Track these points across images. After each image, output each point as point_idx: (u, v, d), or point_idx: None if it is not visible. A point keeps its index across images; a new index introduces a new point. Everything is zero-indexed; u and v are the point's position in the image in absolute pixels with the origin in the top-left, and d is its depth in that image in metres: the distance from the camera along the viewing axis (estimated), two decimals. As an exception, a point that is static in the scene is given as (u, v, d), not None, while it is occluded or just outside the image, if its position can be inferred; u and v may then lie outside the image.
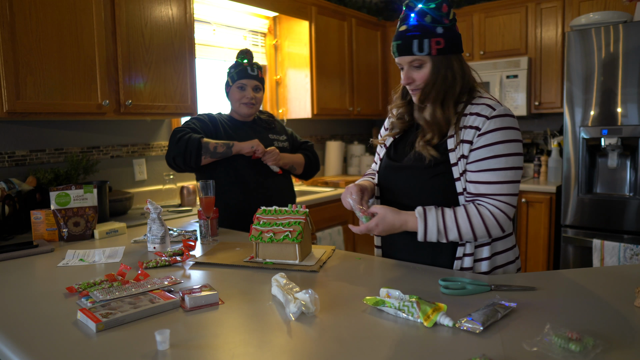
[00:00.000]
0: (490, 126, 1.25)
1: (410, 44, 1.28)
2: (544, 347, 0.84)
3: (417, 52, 1.28)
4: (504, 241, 1.37)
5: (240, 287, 1.26)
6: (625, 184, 2.85)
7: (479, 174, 1.27)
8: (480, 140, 1.26)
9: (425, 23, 1.27)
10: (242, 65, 2.10)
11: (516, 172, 1.27)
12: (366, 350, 0.88)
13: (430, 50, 1.28)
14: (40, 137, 2.37)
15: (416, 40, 1.27)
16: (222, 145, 1.96)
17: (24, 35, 1.92)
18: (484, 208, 1.26)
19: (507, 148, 1.25)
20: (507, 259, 1.37)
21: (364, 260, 1.49)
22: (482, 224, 1.25)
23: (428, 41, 1.27)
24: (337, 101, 3.78)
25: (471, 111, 1.29)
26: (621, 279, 1.25)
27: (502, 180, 1.25)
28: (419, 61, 1.30)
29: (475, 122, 1.27)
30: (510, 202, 1.27)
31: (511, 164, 1.25)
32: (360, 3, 4.21)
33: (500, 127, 1.25)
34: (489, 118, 1.26)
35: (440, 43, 1.27)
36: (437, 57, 1.29)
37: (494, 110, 1.27)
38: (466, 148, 1.28)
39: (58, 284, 1.33)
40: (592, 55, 2.83)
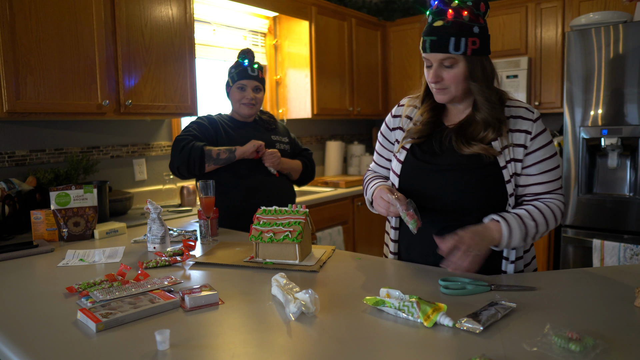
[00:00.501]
0: (538, 129, 1.30)
1: (446, 41, 1.22)
2: (544, 347, 0.84)
3: (452, 51, 1.22)
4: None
5: (240, 287, 1.25)
6: (625, 184, 2.85)
7: (542, 175, 1.31)
8: (534, 143, 1.29)
9: (464, 20, 1.21)
10: (243, 65, 2.10)
11: (560, 169, 1.35)
12: (366, 350, 0.88)
13: (466, 49, 1.22)
14: (40, 137, 2.37)
15: (453, 37, 1.21)
16: (224, 152, 1.96)
17: (24, 35, 1.92)
18: (552, 203, 1.30)
19: (554, 147, 1.33)
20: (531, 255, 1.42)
21: (364, 260, 1.49)
22: (554, 217, 1.29)
23: (465, 40, 1.21)
24: (337, 101, 3.77)
25: (512, 114, 1.31)
26: (621, 279, 1.25)
27: (557, 177, 1.33)
28: (451, 60, 1.25)
29: (524, 126, 1.30)
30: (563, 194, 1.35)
31: (558, 162, 1.33)
32: (360, 3, 4.21)
33: (544, 128, 1.31)
34: (534, 121, 1.30)
35: (476, 43, 1.23)
36: (470, 58, 1.24)
37: (534, 113, 1.31)
38: (518, 152, 1.29)
39: (58, 284, 1.33)
40: (592, 55, 2.83)
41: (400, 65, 4.17)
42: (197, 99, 2.63)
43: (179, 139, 2.00)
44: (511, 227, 1.23)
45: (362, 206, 3.47)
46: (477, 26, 1.22)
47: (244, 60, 2.11)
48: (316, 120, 4.06)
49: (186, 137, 2.00)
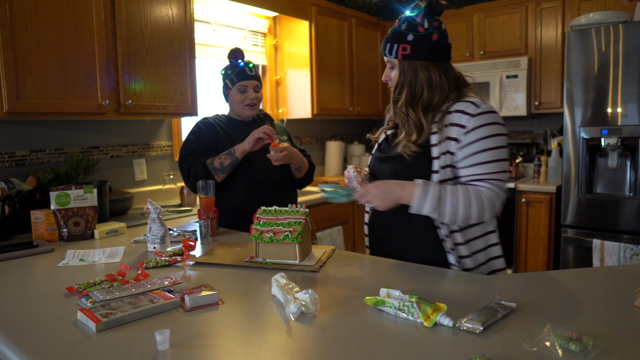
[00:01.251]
0: (476, 123, 1.32)
1: (385, 45, 1.42)
2: (544, 347, 0.84)
3: (387, 54, 1.42)
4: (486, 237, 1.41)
5: (240, 287, 1.26)
6: (625, 184, 2.85)
7: (470, 168, 1.33)
8: (467, 137, 1.32)
9: (401, 29, 1.38)
10: (239, 66, 2.07)
11: (503, 163, 1.33)
12: (366, 350, 0.88)
13: (397, 54, 1.39)
14: (40, 137, 2.37)
15: (389, 43, 1.41)
16: (225, 158, 1.95)
17: (24, 35, 1.92)
18: (483, 188, 1.32)
19: (493, 142, 1.32)
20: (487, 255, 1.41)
21: (364, 260, 1.49)
22: (480, 202, 1.30)
23: (397, 46, 1.39)
24: (337, 101, 3.78)
25: (456, 108, 1.36)
26: (621, 279, 1.25)
27: (492, 171, 1.32)
28: (390, 62, 1.44)
29: (461, 120, 1.33)
30: (502, 187, 1.33)
31: (497, 156, 1.32)
32: (360, 3, 4.21)
33: (486, 122, 1.32)
34: (473, 115, 1.32)
35: (406, 49, 1.38)
36: (402, 62, 1.39)
37: (478, 108, 1.33)
38: (452, 145, 1.34)
39: (58, 284, 1.33)
40: (592, 55, 2.83)
41: (400, 65, 4.17)
42: (197, 99, 2.63)
43: (182, 161, 2.01)
44: (428, 191, 1.30)
45: (362, 206, 3.47)
46: (411, 34, 1.37)
47: (239, 61, 2.09)
48: (316, 120, 4.06)
49: (187, 159, 1.99)
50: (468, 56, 3.79)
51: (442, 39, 1.39)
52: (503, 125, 1.35)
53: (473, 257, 1.38)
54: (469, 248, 1.38)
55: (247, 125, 2.14)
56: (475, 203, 1.29)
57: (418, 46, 1.36)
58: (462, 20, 3.81)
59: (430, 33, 1.37)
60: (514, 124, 4.01)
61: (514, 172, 3.65)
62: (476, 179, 1.32)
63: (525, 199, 3.33)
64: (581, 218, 2.95)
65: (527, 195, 3.33)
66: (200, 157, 1.99)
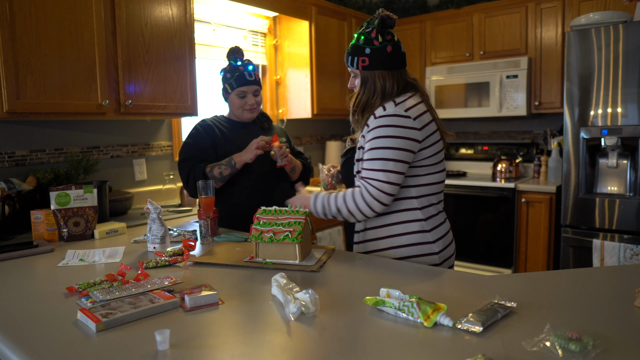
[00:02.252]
0: (374, 124, 1.50)
1: (347, 58, 1.62)
2: (544, 347, 0.84)
3: (349, 65, 1.61)
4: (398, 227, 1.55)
5: (240, 287, 1.26)
6: (625, 184, 2.85)
7: (362, 163, 1.53)
8: (368, 136, 1.51)
9: (359, 44, 1.57)
10: (238, 69, 2.05)
11: (387, 162, 1.46)
12: (366, 350, 0.88)
13: (357, 66, 1.58)
14: (40, 137, 2.37)
15: (350, 56, 1.59)
16: (225, 168, 1.95)
17: (24, 35, 1.92)
18: (357, 189, 1.50)
19: (382, 142, 1.47)
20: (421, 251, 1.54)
21: (364, 260, 1.49)
22: (353, 201, 1.48)
23: (357, 58, 1.57)
24: (337, 101, 3.77)
25: (372, 111, 1.55)
26: (621, 279, 1.25)
27: (374, 168, 1.47)
28: (353, 72, 1.63)
29: (369, 121, 1.53)
30: (378, 187, 1.46)
31: (382, 155, 1.46)
32: (360, 3, 4.21)
33: (380, 125, 1.48)
34: (376, 117, 1.50)
35: (365, 61, 1.56)
36: (363, 72, 1.58)
37: (384, 111, 1.50)
38: (362, 141, 1.56)
39: (58, 284, 1.33)
40: (592, 55, 2.83)
41: (400, 65, 4.17)
42: (197, 99, 2.63)
43: (180, 166, 2.01)
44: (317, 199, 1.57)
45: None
46: (369, 48, 1.55)
47: (238, 63, 2.08)
48: (316, 120, 4.06)
49: (185, 164, 1.99)
50: (468, 56, 3.79)
51: (396, 50, 1.56)
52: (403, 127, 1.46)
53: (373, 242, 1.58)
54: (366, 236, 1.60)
55: (246, 126, 2.14)
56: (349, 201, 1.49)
57: (375, 58, 1.55)
58: (462, 20, 3.81)
59: (385, 46, 1.54)
60: (513, 124, 4.01)
61: (514, 172, 3.65)
62: (361, 175, 1.51)
63: (525, 199, 3.33)
64: (581, 218, 2.95)
65: (527, 195, 3.33)
66: (198, 162, 1.99)
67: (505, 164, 3.67)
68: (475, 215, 3.57)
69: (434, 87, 3.86)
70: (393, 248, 1.55)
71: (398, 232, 1.54)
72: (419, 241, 1.54)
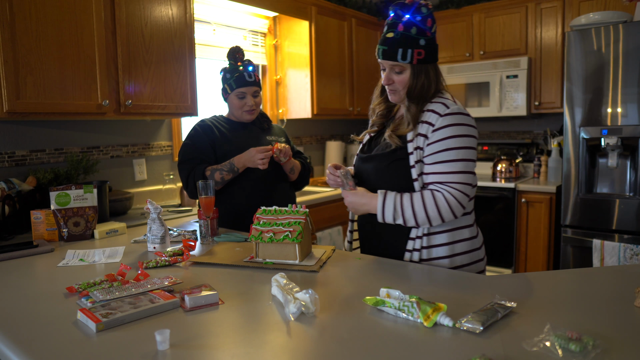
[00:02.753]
0: (443, 123, 1.39)
1: (395, 52, 1.42)
2: (544, 347, 0.84)
3: (400, 60, 1.42)
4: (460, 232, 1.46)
5: (240, 287, 1.26)
6: (625, 184, 2.85)
7: (433, 166, 1.40)
8: (434, 136, 1.39)
9: (411, 34, 1.40)
10: (238, 70, 2.05)
11: (467, 163, 1.39)
12: (366, 350, 0.88)
13: (412, 59, 1.42)
14: (40, 137, 2.37)
15: (401, 49, 1.41)
16: (227, 172, 1.94)
17: (24, 35, 1.92)
18: (438, 193, 1.38)
19: (457, 142, 1.38)
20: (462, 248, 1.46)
21: (364, 260, 1.49)
22: (435, 206, 1.37)
23: (411, 51, 1.41)
24: (337, 101, 3.77)
25: (428, 108, 1.44)
26: (621, 279, 1.25)
27: (454, 170, 1.38)
28: (400, 67, 1.45)
29: (430, 119, 1.41)
30: (462, 190, 1.38)
31: (461, 156, 1.38)
32: (360, 3, 4.21)
33: (452, 123, 1.38)
34: (441, 115, 1.40)
35: (421, 54, 1.42)
36: (416, 66, 1.43)
37: (448, 109, 1.40)
38: (421, 141, 1.42)
39: (58, 284, 1.33)
40: (592, 55, 2.83)
41: (400, 65, 4.17)
42: (197, 99, 2.63)
43: (180, 167, 2.01)
44: (386, 202, 1.41)
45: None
46: (423, 39, 1.41)
47: (238, 63, 2.08)
48: (316, 120, 4.06)
49: (185, 166, 1.99)
50: (468, 56, 3.78)
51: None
52: (471, 126, 1.41)
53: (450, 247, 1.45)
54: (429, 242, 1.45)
55: (246, 127, 2.14)
56: (431, 208, 1.37)
57: (429, 50, 1.42)
58: (462, 20, 3.81)
59: (434, 37, 1.44)
60: (514, 124, 4.01)
61: (514, 172, 3.65)
62: (437, 180, 1.39)
63: (525, 199, 3.33)
64: (581, 218, 2.95)
65: (527, 195, 3.33)
66: (198, 164, 1.98)
67: (505, 164, 3.67)
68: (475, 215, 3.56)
69: (434, 87, 3.86)
70: (451, 256, 1.44)
71: (456, 238, 1.45)
72: (471, 248, 1.47)
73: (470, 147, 1.39)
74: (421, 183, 1.43)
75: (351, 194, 1.49)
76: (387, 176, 1.48)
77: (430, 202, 1.37)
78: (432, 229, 1.44)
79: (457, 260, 1.45)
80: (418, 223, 1.40)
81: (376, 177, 1.51)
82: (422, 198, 1.38)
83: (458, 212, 1.38)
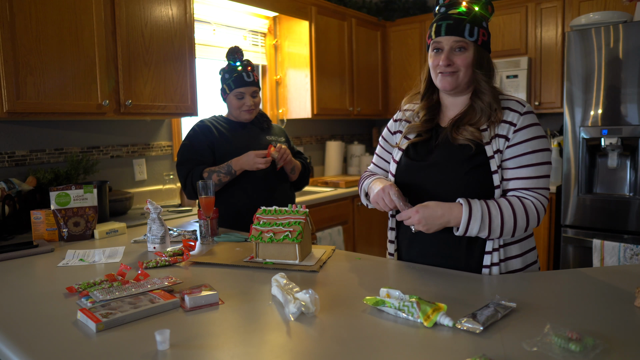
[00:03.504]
0: (525, 122, 1.28)
1: (462, 27, 1.29)
2: (544, 347, 0.84)
3: (467, 36, 1.29)
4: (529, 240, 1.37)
5: (240, 287, 1.25)
6: (625, 184, 2.85)
7: (518, 170, 1.29)
8: (517, 136, 1.28)
9: (477, 14, 1.30)
10: (237, 70, 2.05)
11: (549, 167, 1.31)
12: (366, 350, 0.88)
13: (478, 37, 1.30)
14: (40, 137, 2.37)
15: (469, 24, 1.29)
16: (225, 175, 1.95)
17: (24, 35, 1.92)
18: (527, 200, 1.27)
19: (542, 143, 1.29)
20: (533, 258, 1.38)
21: (364, 260, 1.49)
22: (525, 215, 1.25)
23: (478, 29, 1.30)
24: (337, 101, 3.77)
25: (503, 105, 1.32)
26: (621, 279, 1.25)
27: (540, 174, 1.28)
28: (464, 44, 1.30)
29: (509, 117, 1.30)
30: (547, 195, 1.30)
31: (546, 158, 1.30)
32: (360, 3, 4.21)
33: (533, 123, 1.29)
34: (522, 114, 1.29)
35: (485, 35, 1.32)
36: (480, 47, 1.31)
37: (524, 107, 1.30)
38: (501, 142, 1.29)
39: (58, 284, 1.33)
40: (592, 55, 2.82)
41: (400, 65, 4.17)
42: (197, 99, 2.63)
43: (178, 168, 2.02)
44: (472, 212, 1.23)
45: (362, 206, 3.47)
46: (485, 22, 1.33)
47: (237, 64, 2.08)
48: (316, 120, 4.06)
49: (183, 167, 1.99)
50: (468, 56, 3.78)
51: None
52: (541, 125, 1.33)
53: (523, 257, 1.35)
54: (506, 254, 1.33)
55: (245, 127, 2.14)
56: (520, 217, 1.24)
57: (488, 36, 1.34)
58: (462, 20, 3.81)
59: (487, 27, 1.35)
60: (514, 124, 4.01)
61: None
62: (523, 186, 1.28)
63: (525, 199, 3.32)
64: (581, 218, 2.95)
65: (527, 195, 3.32)
66: (196, 164, 1.99)
67: (505, 164, 3.66)
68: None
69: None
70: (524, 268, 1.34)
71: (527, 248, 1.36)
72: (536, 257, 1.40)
73: (550, 149, 1.31)
74: (501, 190, 1.30)
75: (422, 208, 1.25)
76: (465, 186, 1.29)
77: (520, 210, 1.24)
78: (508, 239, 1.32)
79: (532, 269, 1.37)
80: (503, 234, 1.25)
81: (449, 187, 1.31)
82: (511, 206, 1.24)
83: (541, 219, 1.28)
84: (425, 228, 1.26)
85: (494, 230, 1.24)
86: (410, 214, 1.26)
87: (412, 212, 1.26)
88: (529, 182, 1.28)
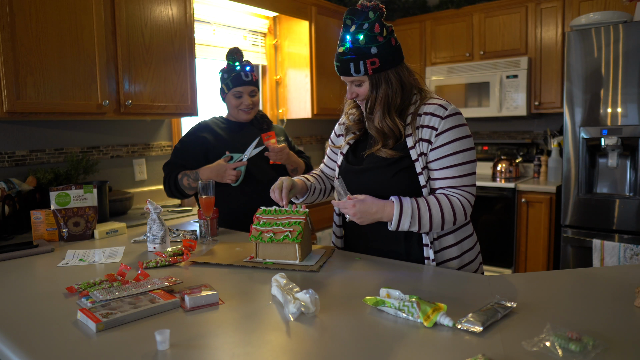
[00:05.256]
0: (446, 125, 1.36)
1: (348, 67, 1.37)
2: (544, 347, 0.84)
3: (354, 74, 1.37)
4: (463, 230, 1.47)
5: (240, 287, 1.26)
6: (625, 184, 2.85)
7: (442, 171, 1.38)
8: (439, 140, 1.37)
9: (360, 45, 1.34)
10: (235, 70, 2.06)
11: (472, 165, 1.39)
12: (366, 351, 0.88)
13: (366, 70, 1.36)
14: (40, 137, 2.37)
15: (352, 62, 1.35)
16: (193, 180, 1.99)
17: (24, 35, 1.92)
18: (454, 197, 1.36)
19: (463, 144, 1.37)
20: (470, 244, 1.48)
21: (364, 260, 1.49)
22: (452, 210, 1.34)
23: (363, 63, 1.35)
24: (337, 101, 3.74)
25: (425, 111, 1.40)
26: (621, 279, 1.25)
27: (464, 173, 1.37)
28: (358, 80, 1.40)
29: (431, 122, 1.38)
30: (472, 192, 1.39)
31: (468, 158, 1.37)
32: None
33: (455, 125, 1.37)
34: (443, 118, 1.37)
35: (375, 63, 1.35)
36: (373, 76, 1.38)
37: (446, 110, 1.37)
38: (425, 146, 1.39)
39: (58, 284, 1.33)
40: (592, 55, 2.83)
41: (400, 65, 4.17)
42: (197, 99, 2.63)
43: (163, 169, 2.09)
44: (403, 209, 1.33)
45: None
46: (374, 46, 1.33)
47: (236, 64, 2.08)
48: (316, 120, 4.06)
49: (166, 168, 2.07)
50: (468, 56, 3.78)
51: (397, 41, 1.40)
52: (467, 125, 1.40)
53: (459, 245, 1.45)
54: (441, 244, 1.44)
55: (241, 126, 2.15)
56: (447, 213, 1.34)
57: (385, 56, 1.35)
58: (462, 20, 3.81)
59: (389, 39, 1.36)
60: (514, 124, 4.01)
61: (514, 172, 3.65)
62: (449, 185, 1.37)
63: (525, 199, 3.33)
64: (581, 218, 2.95)
65: (527, 195, 3.33)
66: (177, 168, 2.04)
67: (505, 164, 3.67)
68: (475, 215, 3.56)
69: (434, 87, 3.86)
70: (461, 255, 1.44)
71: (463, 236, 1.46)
72: (473, 244, 1.49)
73: (473, 147, 1.40)
74: (429, 189, 1.40)
75: (358, 203, 1.34)
76: (394, 187, 1.40)
77: (447, 207, 1.34)
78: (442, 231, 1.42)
79: (465, 258, 1.46)
80: (432, 228, 1.35)
81: (380, 188, 1.41)
82: (438, 203, 1.34)
83: (469, 214, 1.39)
84: (359, 221, 1.36)
85: (423, 225, 1.34)
86: (348, 205, 1.35)
87: (350, 204, 1.35)
88: (454, 181, 1.37)
